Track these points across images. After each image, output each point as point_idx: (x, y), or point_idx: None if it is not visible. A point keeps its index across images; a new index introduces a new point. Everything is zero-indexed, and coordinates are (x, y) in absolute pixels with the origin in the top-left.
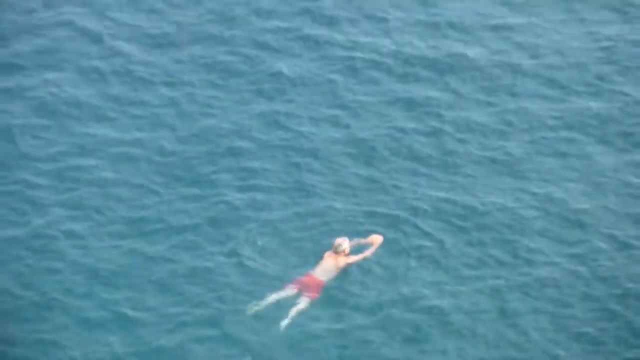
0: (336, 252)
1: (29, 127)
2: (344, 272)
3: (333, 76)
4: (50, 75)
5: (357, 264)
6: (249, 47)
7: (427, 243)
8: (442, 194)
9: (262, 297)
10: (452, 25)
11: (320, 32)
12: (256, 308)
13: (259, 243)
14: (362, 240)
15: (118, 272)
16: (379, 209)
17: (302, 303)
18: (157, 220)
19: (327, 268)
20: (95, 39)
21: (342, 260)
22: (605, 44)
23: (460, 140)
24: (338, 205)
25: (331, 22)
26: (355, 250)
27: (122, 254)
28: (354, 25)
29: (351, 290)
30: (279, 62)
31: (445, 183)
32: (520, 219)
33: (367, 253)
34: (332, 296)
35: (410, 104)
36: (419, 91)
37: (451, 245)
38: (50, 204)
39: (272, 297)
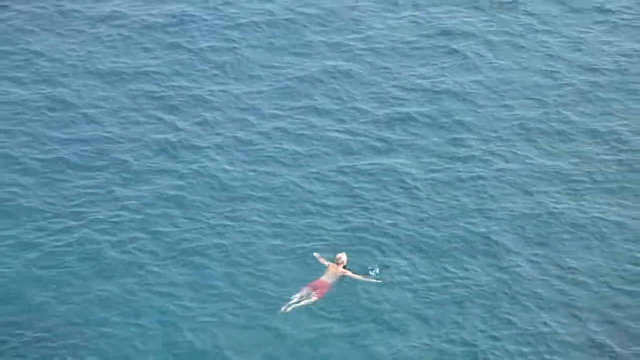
0: (337, 264)
1: None
2: (342, 279)
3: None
4: None
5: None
6: None
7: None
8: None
9: (289, 297)
10: None
11: None
12: (286, 306)
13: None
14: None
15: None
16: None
17: (313, 298)
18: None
19: (330, 275)
20: None
21: (341, 270)
22: None
23: None
24: (334, 230)
25: None
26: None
27: (183, 265)
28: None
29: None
30: None
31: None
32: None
33: (359, 277)
34: (334, 297)
35: None
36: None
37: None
38: None
39: (295, 297)
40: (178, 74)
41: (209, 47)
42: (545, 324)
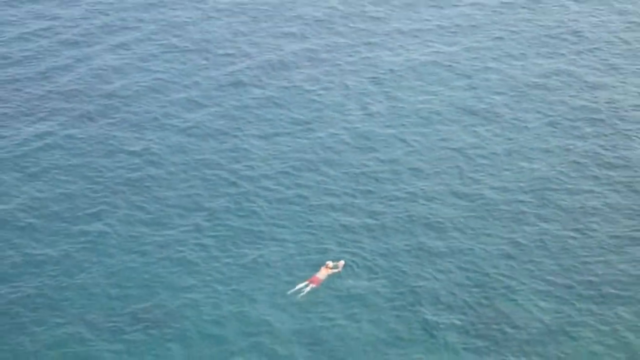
0: (327, 267)
1: None
2: (331, 277)
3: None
4: None
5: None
6: None
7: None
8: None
9: (294, 285)
10: None
11: None
12: (291, 290)
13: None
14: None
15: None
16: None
17: (309, 288)
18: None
19: (323, 274)
20: None
21: (330, 271)
22: None
23: None
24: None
25: None
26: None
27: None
28: None
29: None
30: None
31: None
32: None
33: (338, 270)
34: (324, 289)
35: None
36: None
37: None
38: None
39: (298, 286)
40: None
41: None
42: None
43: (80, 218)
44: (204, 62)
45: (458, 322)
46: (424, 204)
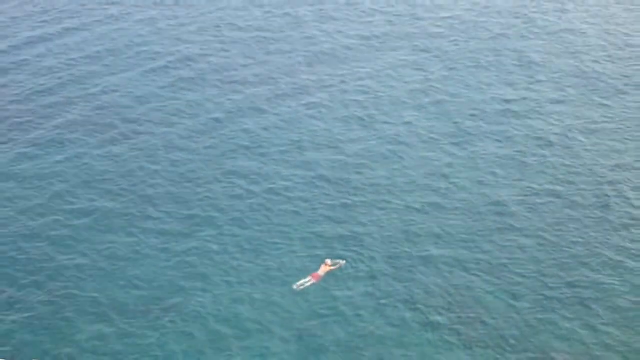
0: (326, 265)
1: None
2: (329, 274)
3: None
4: None
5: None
6: None
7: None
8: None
9: (299, 279)
10: None
11: None
12: (296, 284)
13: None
14: (336, 261)
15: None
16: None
17: (309, 283)
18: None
19: (323, 270)
20: None
21: (329, 268)
22: None
23: None
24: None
25: None
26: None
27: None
28: None
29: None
30: None
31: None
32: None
33: (338, 266)
34: (324, 283)
35: None
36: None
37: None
38: None
39: (301, 281)
40: None
41: None
42: None
43: (112, 231)
44: (216, 90)
45: (447, 321)
46: (415, 215)
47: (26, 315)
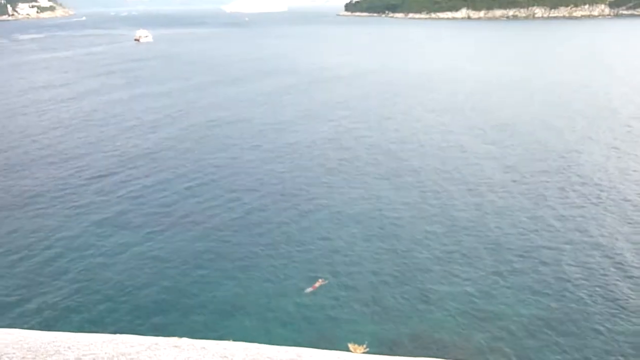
0: (319, 281)
1: None
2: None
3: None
4: None
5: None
6: None
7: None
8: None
9: (306, 288)
10: None
11: None
12: (305, 291)
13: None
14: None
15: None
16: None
17: (312, 289)
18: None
19: (319, 283)
20: None
21: (323, 282)
22: None
23: None
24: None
25: None
26: None
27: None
28: None
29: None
30: None
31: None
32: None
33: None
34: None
35: None
36: None
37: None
38: None
39: (308, 289)
40: None
41: None
42: None
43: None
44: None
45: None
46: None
47: None
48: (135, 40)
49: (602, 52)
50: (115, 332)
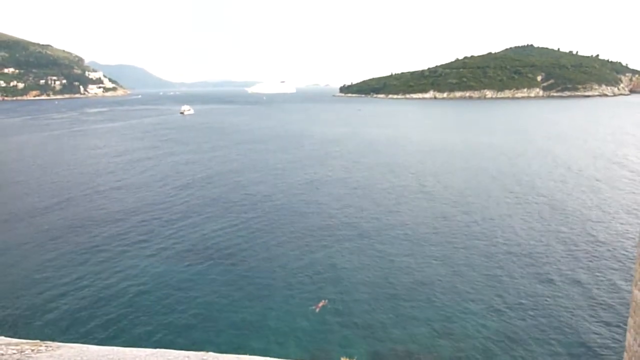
0: (324, 301)
1: None
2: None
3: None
4: None
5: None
6: None
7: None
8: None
9: (312, 305)
10: None
11: None
12: (312, 307)
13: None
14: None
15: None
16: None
17: (316, 309)
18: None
19: (322, 303)
20: None
21: (325, 302)
22: None
23: None
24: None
25: None
26: None
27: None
28: None
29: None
30: None
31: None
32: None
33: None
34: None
35: None
36: None
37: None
38: None
39: (313, 307)
40: None
41: None
42: None
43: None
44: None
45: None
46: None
47: None
48: (181, 113)
49: (534, 122)
50: (156, 347)
